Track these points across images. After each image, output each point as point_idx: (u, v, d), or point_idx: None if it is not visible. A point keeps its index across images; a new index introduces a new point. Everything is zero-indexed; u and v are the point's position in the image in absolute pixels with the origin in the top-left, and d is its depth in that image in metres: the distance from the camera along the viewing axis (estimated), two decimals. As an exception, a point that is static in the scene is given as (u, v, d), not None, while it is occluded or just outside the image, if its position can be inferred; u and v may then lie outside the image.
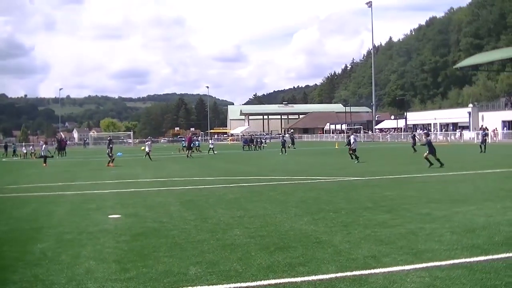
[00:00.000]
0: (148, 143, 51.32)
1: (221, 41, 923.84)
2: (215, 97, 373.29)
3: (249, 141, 78.03)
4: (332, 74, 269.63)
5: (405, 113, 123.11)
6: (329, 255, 9.75)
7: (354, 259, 9.41)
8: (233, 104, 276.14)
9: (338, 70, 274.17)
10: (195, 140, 77.92)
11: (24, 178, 32.48)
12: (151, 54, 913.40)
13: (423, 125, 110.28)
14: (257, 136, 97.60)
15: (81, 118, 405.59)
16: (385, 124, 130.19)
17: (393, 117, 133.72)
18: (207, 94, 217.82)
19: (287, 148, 57.91)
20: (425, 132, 36.54)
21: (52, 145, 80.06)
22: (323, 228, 12.40)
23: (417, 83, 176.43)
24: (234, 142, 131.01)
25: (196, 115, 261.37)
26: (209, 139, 77.67)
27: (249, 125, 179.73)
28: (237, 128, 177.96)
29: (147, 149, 48.82)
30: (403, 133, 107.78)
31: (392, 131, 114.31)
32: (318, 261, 9.30)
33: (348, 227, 12.39)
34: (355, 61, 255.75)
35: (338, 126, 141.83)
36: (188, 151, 53.88)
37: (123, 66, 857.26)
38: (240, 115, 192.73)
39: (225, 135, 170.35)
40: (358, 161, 36.21)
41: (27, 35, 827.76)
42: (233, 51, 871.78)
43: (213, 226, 13.18)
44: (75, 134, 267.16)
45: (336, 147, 66.49)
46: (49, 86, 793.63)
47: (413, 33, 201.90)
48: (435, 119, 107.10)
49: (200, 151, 68.67)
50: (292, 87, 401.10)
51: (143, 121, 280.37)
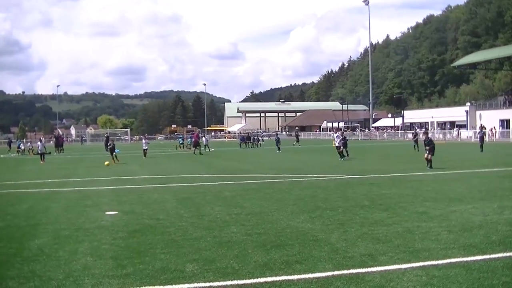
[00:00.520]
0: (145, 140, 51.44)
1: (218, 38, 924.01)
2: (212, 94, 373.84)
3: (246, 138, 78.03)
4: (329, 72, 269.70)
5: (402, 112, 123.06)
6: (326, 253, 9.76)
7: (350, 257, 9.42)
8: (230, 101, 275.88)
9: (335, 68, 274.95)
10: (190, 137, 78.00)
11: (21, 174, 32.45)
12: (148, 51, 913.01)
13: (420, 123, 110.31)
14: (254, 134, 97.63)
15: (78, 115, 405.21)
16: (382, 122, 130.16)
17: (390, 115, 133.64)
18: (204, 91, 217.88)
19: (280, 146, 57.82)
20: (424, 131, 36.55)
21: (50, 142, 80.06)
22: (319, 226, 12.42)
23: (415, 81, 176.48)
24: (231, 139, 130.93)
25: (193, 112, 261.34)
26: (202, 136, 77.66)
27: (246, 122, 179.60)
28: (234, 125, 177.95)
29: (144, 147, 48.79)
30: (400, 131, 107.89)
31: (389, 130, 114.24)
32: (314, 259, 9.31)
33: (344, 225, 12.41)
34: (352, 59, 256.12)
35: (335, 124, 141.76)
36: (194, 148, 53.66)
37: (119, 63, 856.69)
38: (237, 112, 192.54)
39: (222, 132, 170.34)
40: (343, 159, 36.90)
41: (24, 32, 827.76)
42: (229, 48, 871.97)
43: (210, 223, 13.19)
44: (73, 131, 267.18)
45: (333, 145, 66.52)
46: (46, 83, 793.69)
47: (410, 31, 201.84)
48: (432, 117, 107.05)
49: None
50: (289, 84, 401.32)
51: (140, 118, 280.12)
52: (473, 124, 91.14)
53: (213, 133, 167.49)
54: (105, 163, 34.65)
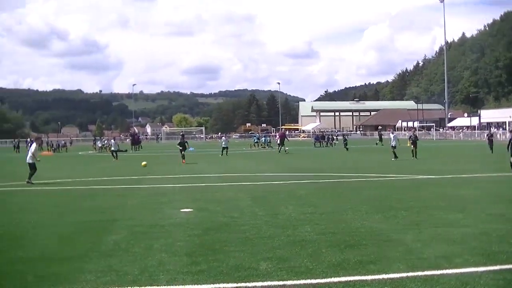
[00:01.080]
0: (224, 138, 52.09)
1: (292, 37, 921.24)
2: (286, 93, 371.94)
3: (321, 138, 77.79)
4: (404, 70, 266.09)
5: (478, 111, 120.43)
6: (400, 253, 9.62)
7: (425, 258, 9.26)
8: (304, 100, 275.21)
9: (410, 67, 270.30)
10: (265, 136, 78.27)
11: (98, 171, 33.14)
12: (222, 51, 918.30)
13: (497, 123, 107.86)
14: (328, 133, 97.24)
15: (154, 113, 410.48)
16: (458, 122, 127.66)
17: (466, 114, 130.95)
18: (278, 90, 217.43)
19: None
20: (510, 130, 35.71)
21: (126, 140, 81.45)
22: (394, 226, 12.27)
23: (491, 80, 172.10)
24: (306, 138, 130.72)
25: (267, 111, 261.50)
26: (263, 136, 78.60)
27: (320, 121, 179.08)
28: (308, 124, 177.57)
29: (223, 145, 49.21)
30: (476, 131, 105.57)
31: (465, 129, 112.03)
32: (388, 260, 9.20)
33: (419, 225, 12.21)
34: (427, 57, 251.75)
35: (410, 124, 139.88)
36: (279, 147, 53.55)
37: (194, 62, 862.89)
38: (311, 111, 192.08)
39: (296, 132, 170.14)
40: (395, 159, 36.67)
41: (101, 32, 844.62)
42: (303, 47, 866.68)
43: (284, 222, 13.18)
44: (148, 129, 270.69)
45: (408, 145, 65.73)
46: (122, 82, 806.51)
47: (487, 28, 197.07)
48: (510, 117, 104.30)
49: (271, 147, 69.06)
50: (363, 83, 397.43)
51: (214, 117, 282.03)
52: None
53: (287, 132, 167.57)
54: (142, 163, 32.96)
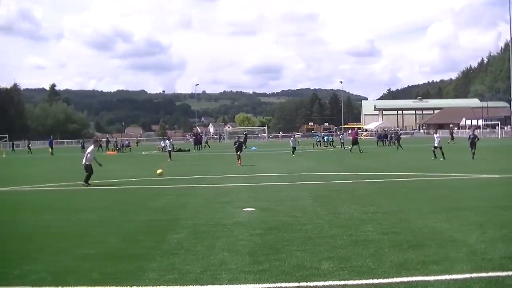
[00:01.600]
0: (293, 138, 52.44)
1: (354, 35, 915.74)
2: (348, 92, 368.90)
3: (383, 136, 77.15)
4: (468, 68, 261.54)
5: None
6: (464, 254, 9.47)
7: (489, 259, 9.08)
8: (366, 99, 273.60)
9: (474, 64, 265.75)
10: (327, 135, 78.02)
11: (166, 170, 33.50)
12: (285, 50, 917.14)
13: None
14: (391, 132, 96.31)
15: (217, 113, 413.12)
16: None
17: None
18: (341, 89, 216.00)
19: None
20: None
21: (189, 140, 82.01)
22: (457, 226, 12.08)
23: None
24: (368, 137, 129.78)
25: (329, 110, 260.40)
26: (325, 135, 78.74)
27: (383, 120, 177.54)
28: (371, 123, 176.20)
29: (292, 144, 49.37)
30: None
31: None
32: (451, 260, 9.06)
33: (483, 226, 11.99)
34: (491, 54, 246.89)
35: (474, 122, 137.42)
36: (352, 146, 52.96)
37: (257, 61, 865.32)
38: (374, 110, 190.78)
39: (359, 130, 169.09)
40: (435, 158, 36.37)
41: (164, 33, 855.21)
42: (366, 45, 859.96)
43: (346, 221, 13.12)
44: (211, 129, 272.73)
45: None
46: (185, 82, 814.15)
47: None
48: None
49: (334, 146, 68.91)
50: (426, 81, 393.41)
51: (277, 116, 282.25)
52: None
53: (349, 131, 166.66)
54: (158, 171, 27.37)
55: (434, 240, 10.62)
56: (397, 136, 62.08)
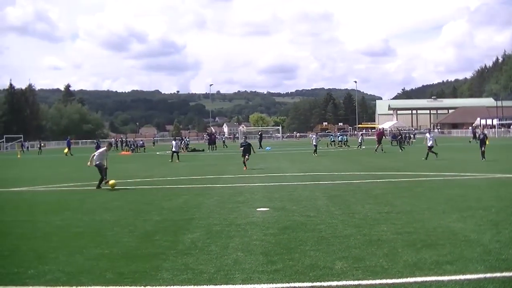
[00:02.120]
0: (315, 136, 52.88)
1: (369, 35, 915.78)
2: (363, 91, 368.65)
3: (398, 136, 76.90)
4: (483, 67, 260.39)
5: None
6: (478, 254, 9.43)
7: (504, 259, 9.05)
8: (381, 98, 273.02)
9: (489, 63, 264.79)
10: (341, 134, 77.99)
11: (175, 170, 33.58)
12: (299, 50, 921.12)
13: None
14: (405, 131, 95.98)
15: (231, 113, 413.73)
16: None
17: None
18: (355, 88, 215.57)
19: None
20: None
21: (203, 140, 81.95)
22: (471, 226, 12.03)
23: None
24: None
25: (344, 110, 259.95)
26: (339, 134, 78.99)
27: (397, 120, 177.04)
28: (385, 123, 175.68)
29: (314, 142, 49.05)
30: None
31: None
32: (466, 260, 9.03)
33: (498, 226, 11.95)
34: (507, 53, 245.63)
35: (489, 121, 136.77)
36: (377, 146, 52.64)
37: (271, 61, 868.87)
38: (388, 110, 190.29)
39: (373, 130, 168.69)
40: (426, 159, 36.03)
41: (179, 33, 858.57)
42: (381, 45, 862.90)
43: (360, 221, 13.11)
44: (225, 129, 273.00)
45: (487, 142, 64.39)
46: (199, 82, 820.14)
47: None
48: None
49: (348, 145, 68.93)
50: (441, 81, 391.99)
51: (291, 116, 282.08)
52: None
53: (364, 130, 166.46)
54: (110, 182, 22.85)
55: (448, 240, 10.59)
56: (401, 137, 61.55)
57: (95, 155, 23.65)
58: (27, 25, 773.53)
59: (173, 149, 45.60)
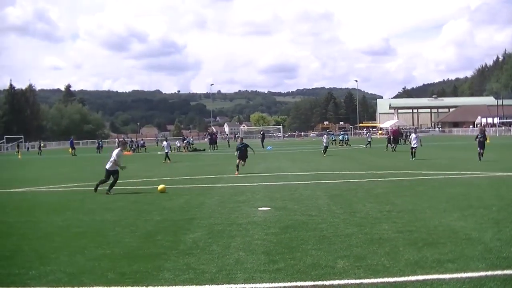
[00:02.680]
0: (325, 136, 52.48)
1: (370, 34, 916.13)
2: (363, 91, 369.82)
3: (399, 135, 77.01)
4: (483, 66, 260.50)
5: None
6: (479, 252, 9.44)
7: (505, 257, 9.06)
8: (382, 97, 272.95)
9: (490, 62, 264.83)
10: (343, 134, 78.02)
11: (176, 170, 33.59)
12: (300, 49, 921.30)
13: None
14: (405, 130, 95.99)
15: (232, 113, 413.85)
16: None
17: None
18: (356, 88, 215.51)
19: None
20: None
21: (204, 139, 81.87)
22: (472, 224, 12.03)
23: None
24: (384, 136, 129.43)
25: (344, 109, 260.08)
26: (341, 134, 79.27)
27: (398, 118, 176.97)
28: (386, 122, 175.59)
29: (324, 142, 48.43)
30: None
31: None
32: (467, 258, 9.04)
33: (499, 224, 11.94)
34: (507, 52, 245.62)
35: (490, 120, 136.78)
36: (393, 146, 51.88)
37: (272, 61, 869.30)
38: (389, 108, 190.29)
39: (374, 129, 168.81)
40: (413, 159, 35.46)
41: (180, 33, 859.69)
42: (381, 44, 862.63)
43: (361, 220, 13.11)
44: (226, 128, 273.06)
45: (487, 141, 64.36)
46: (200, 82, 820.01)
47: None
48: None
49: (349, 145, 68.95)
50: (441, 80, 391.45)
51: (292, 115, 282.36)
52: None
53: (365, 129, 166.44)
54: (159, 187, 21.37)
55: (450, 238, 10.59)
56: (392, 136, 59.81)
57: (114, 158, 21.78)
58: (28, 25, 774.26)
59: (165, 150, 44.99)
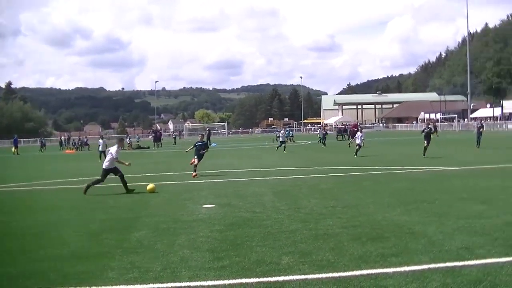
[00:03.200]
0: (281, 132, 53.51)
1: (315, 31, 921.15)
2: (308, 87, 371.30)
3: (343, 131, 77.81)
4: (427, 62, 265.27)
5: (501, 102, 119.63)
6: (422, 246, 9.59)
7: (447, 250, 9.23)
8: (326, 94, 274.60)
9: (433, 59, 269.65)
10: (287, 130, 78.36)
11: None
12: (246, 45, 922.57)
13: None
14: (350, 126, 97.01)
15: (176, 110, 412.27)
16: (480, 113, 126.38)
17: (489, 105, 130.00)
18: (301, 84, 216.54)
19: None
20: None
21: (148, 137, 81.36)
22: (416, 218, 12.22)
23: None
24: (328, 132, 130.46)
25: (289, 105, 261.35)
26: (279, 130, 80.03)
27: (342, 115, 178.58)
28: (331, 118, 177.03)
29: (281, 138, 47.91)
30: (499, 121, 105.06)
31: (488, 120, 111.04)
32: (410, 252, 9.18)
33: (441, 217, 12.15)
34: (449, 48, 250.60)
35: (433, 115, 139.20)
36: (350, 140, 51.63)
37: (217, 57, 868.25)
38: (334, 105, 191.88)
39: (318, 125, 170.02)
40: (356, 156, 34.50)
41: (124, 30, 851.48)
42: (327, 40, 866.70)
43: (306, 216, 13.17)
44: (171, 126, 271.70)
45: (436, 134, 65.26)
46: (145, 79, 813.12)
47: (510, 18, 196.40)
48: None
49: (294, 141, 69.26)
50: (386, 76, 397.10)
51: (237, 112, 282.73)
52: None
53: (309, 125, 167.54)
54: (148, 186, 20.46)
55: (393, 233, 10.73)
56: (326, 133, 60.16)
57: (113, 156, 21.00)
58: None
59: (100, 149, 42.91)
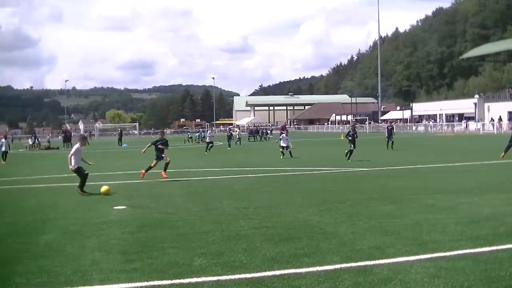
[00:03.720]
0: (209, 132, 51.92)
1: (228, 32, 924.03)
2: (221, 88, 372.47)
3: (255, 132, 78.26)
4: (338, 65, 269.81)
5: (410, 104, 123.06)
6: (334, 246, 9.75)
7: (358, 250, 9.42)
8: (239, 95, 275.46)
9: (345, 61, 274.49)
10: (199, 131, 78.36)
11: (30, 169, 32.53)
12: (158, 45, 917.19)
13: (428, 116, 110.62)
14: (262, 127, 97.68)
15: (87, 110, 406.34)
16: (390, 115, 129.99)
17: (399, 108, 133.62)
18: (213, 85, 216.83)
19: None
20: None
21: (58, 137, 79.73)
22: (328, 219, 12.42)
23: (423, 74, 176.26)
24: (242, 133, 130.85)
25: (201, 106, 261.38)
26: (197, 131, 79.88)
27: (254, 116, 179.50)
28: (243, 119, 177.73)
29: (207, 139, 47.69)
30: (409, 124, 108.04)
31: (398, 122, 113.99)
32: (322, 252, 9.32)
33: (353, 218, 12.40)
34: (361, 51, 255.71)
35: (344, 117, 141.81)
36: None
37: (129, 57, 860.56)
38: (246, 106, 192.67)
39: (230, 126, 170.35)
40: (283, 158, 34.18)
41: (34, 26, 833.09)
42: (239, 42, 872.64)
43: (218, 217, 13.20)
44: (81, 126, 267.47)
45: (342, 138, 66.35)
46: (55, 77, 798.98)
47: (420, 23, 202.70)
48: (440, 110, 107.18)
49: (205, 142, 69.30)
50: (298, 78, 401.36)
51: (148, 112, 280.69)
52: (481, 117, 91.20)
53: (221, 127, 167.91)
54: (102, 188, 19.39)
55: (305, 233, 10.87)
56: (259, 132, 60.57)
57: (72, 155, 19.69)
58: None
59: (3, 149, 40.99)
